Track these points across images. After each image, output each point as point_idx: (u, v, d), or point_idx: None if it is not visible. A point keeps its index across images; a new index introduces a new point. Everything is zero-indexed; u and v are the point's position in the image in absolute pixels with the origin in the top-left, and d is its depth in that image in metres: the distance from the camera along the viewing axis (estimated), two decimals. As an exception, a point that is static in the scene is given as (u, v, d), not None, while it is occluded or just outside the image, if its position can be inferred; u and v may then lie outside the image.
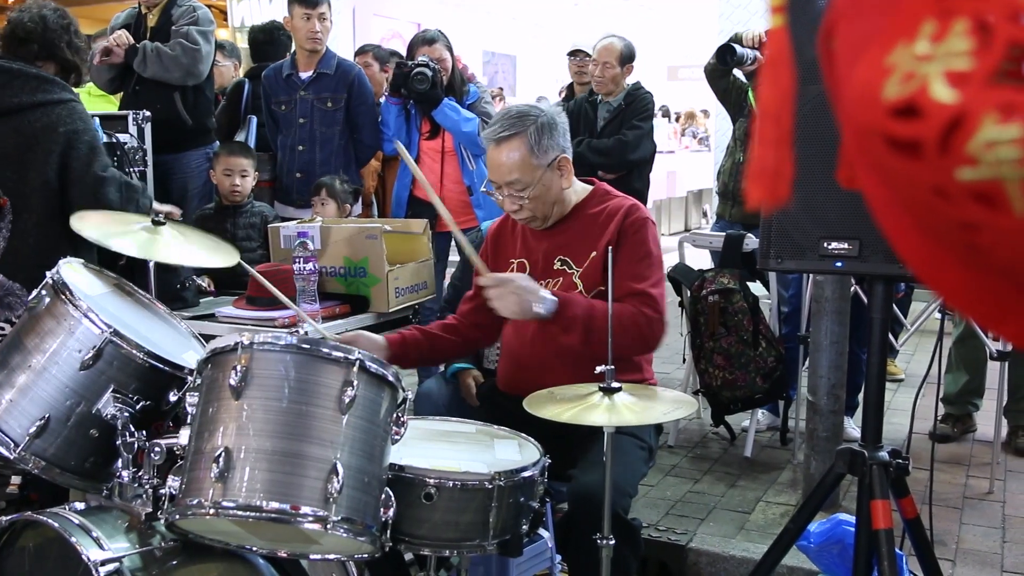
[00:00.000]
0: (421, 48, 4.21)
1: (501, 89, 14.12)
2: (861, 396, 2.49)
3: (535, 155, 2.38)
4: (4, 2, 14.49)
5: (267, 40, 5.00)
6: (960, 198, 0.47)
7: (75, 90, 2.99)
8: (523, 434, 2.15)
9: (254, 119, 4.67)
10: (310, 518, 1.63)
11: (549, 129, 2.41)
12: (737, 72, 4.08)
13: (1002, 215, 0.47)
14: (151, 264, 2.77)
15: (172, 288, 2.99)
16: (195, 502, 1.66)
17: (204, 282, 3.40)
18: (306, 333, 2.53)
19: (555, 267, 2.49)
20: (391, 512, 1.75)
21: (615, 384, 1.99)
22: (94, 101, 4.55)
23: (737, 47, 3.78)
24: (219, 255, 2.77)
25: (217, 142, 4.45)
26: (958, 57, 0.46)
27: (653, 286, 2.38)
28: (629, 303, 2.31)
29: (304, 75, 4.29)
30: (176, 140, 4.21)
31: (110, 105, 4.55)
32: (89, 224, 2.39)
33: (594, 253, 2.43)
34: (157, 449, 1.84)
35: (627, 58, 4.50)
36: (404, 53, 4.50)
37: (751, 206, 0.68)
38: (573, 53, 4.99)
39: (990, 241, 0.48)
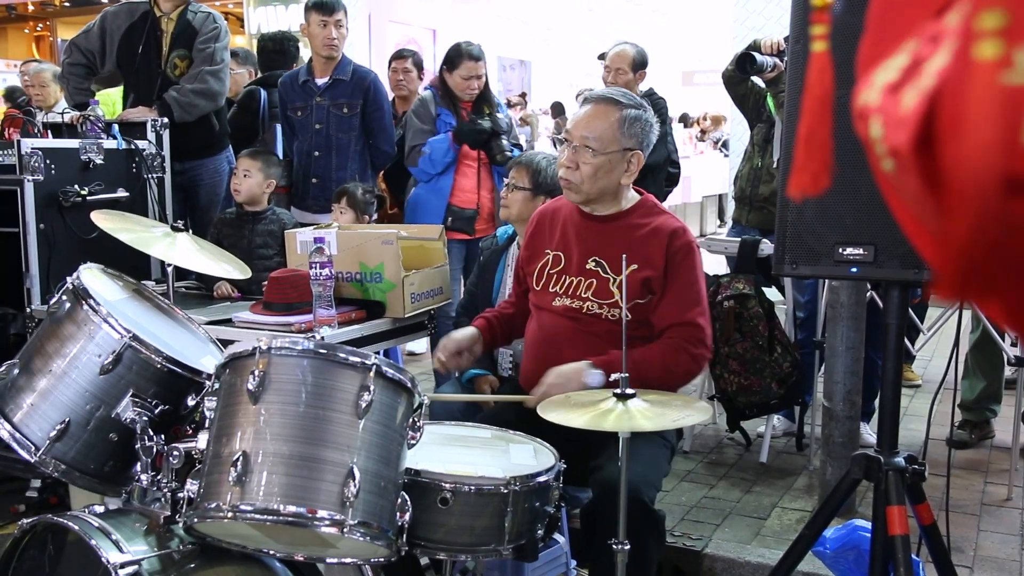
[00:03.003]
0: (467, 62, 4.28)
1: (524, 95, 14.16)
2: (877, 402, 2.48)
3: (620, 131, 2.44)
4: (35, 8, 14.64)
5: (276, 49, 5.03)
6: (894, 187, 0.56)
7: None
8: (538, 439, 2.16)
9: (279, 127, 4.70)
10: (327, 522, 1.65)
11: (642, 124, 2.46)
12: (755, 78, 4.07)
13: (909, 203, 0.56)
14: (170, 270, 2.79)
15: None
16: (213, 505, 1.67)
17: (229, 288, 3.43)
18: (323, 338, 2.54)
19: (588, 267, 2.49)
20: (407, 516, 1.76)
21: (629, 390, 2.00)
22: (119, 107, 4.58)
23: (757, 55, 3.78)
24: (232, 266, 2.79)
25: (230, 146, 4.50)
26: (896, 71, 0.55)
27: (701, 315, 2.44)
28: (677, 336, 2.40)
29: (320, 81, 4.32)
30: (204, 145, 4.28)
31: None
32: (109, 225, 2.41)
33: (635, 266, 2.42)
34: (176, 453, 1.86)
35: (640, 64, 4.51)
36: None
37: (792, 194, 0.78)
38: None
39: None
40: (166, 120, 3.97)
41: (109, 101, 5.09)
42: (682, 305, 2.41)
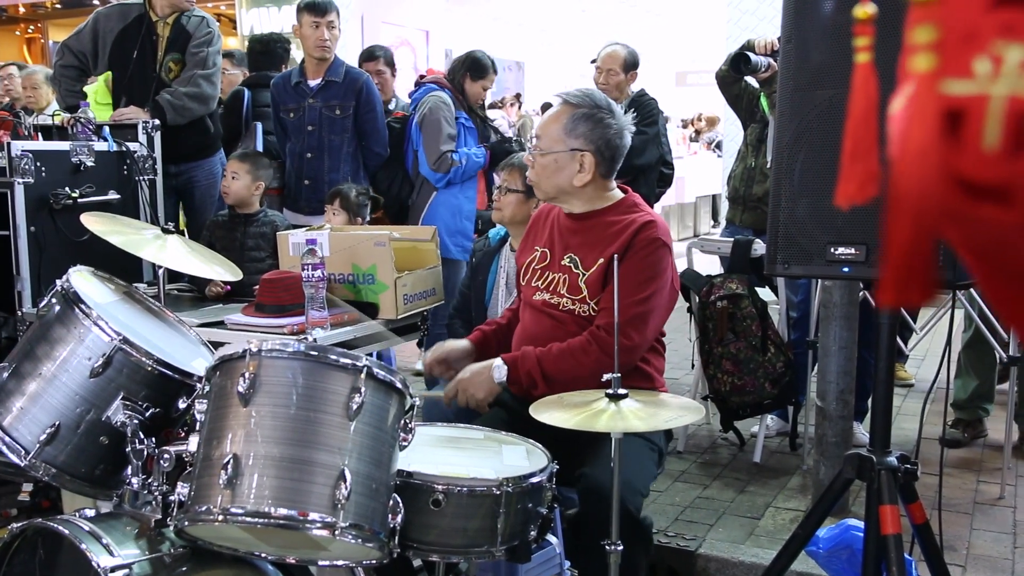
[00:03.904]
0: (491, 75, 4.57)
1: (518, 95, 14.18)
2: (870, 401, 2.49)
3: (565, 131, 2.45)
4: (26, 10, 14.59)
5: (263, 51, 5.02)
6: None
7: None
8: (531, 440, 2.16)
9: (259, 126, 4.69)
10: (318, 524, 1.64)
11: (593, 124, 2.44)
12: (749, 78, 4.08)
13: None
14: (161, 272, 2.78)
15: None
16: (204, 508, 1.67)
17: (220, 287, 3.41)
18: (315, 340, 2.53)
19: (563, 262, 2.52)
20: (399, 518, 1.75)
21: (621, 390, 1.99)
22: (101, 110, 4.56)
23: (751, 55, 3.79)
24: (223, 268, 2.78)
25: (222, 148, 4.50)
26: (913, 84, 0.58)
27: (638, 304, 2.37)
28: (599, 325, 2.38)
29: (312, 83, 4.31)
30: (198, 148, 4.27)
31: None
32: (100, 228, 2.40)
33: (601, 260, 2.43)
34: (166, 456, 1.85)
35: (631, 65, 4.52)
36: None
37: (839, 203, 0.79)
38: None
39: None
40: (157, 122, 3.96)
41: (91, 92, 5.06)
42: (621, 296, 2.26)
